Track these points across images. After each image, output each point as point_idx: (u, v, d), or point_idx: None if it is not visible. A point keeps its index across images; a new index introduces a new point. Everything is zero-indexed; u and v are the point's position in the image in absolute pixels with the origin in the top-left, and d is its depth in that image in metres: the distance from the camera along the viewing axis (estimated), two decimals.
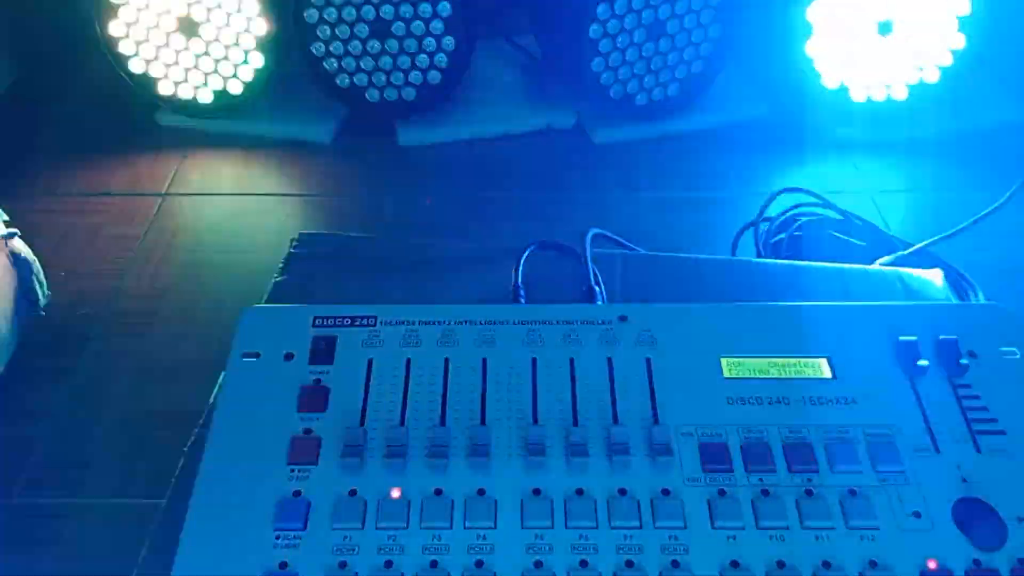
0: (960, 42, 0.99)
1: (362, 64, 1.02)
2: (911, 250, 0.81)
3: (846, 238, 0.83)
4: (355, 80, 1.03)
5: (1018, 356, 0.51)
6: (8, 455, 0.72)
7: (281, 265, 0.70)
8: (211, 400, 0.60)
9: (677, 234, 0.92)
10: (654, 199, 0.97)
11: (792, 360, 0.51)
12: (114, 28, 1.01)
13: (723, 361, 0.51)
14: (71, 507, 0.70)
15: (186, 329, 0.83)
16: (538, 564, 0.43)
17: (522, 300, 0.63)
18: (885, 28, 0.99)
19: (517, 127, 1.07)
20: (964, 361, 0.50)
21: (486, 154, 1.05)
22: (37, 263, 0.77)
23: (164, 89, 1.05)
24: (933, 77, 1.02)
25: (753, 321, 0.54)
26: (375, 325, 0.54)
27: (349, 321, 0.54)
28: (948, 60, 1.00)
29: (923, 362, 0.50)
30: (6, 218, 0.76)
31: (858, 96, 1.02)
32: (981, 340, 0.51)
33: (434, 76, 1.03)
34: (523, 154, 1.05)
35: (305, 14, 0.98)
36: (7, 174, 0.82)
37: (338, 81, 1.03)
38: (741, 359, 0.51)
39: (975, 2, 0.97)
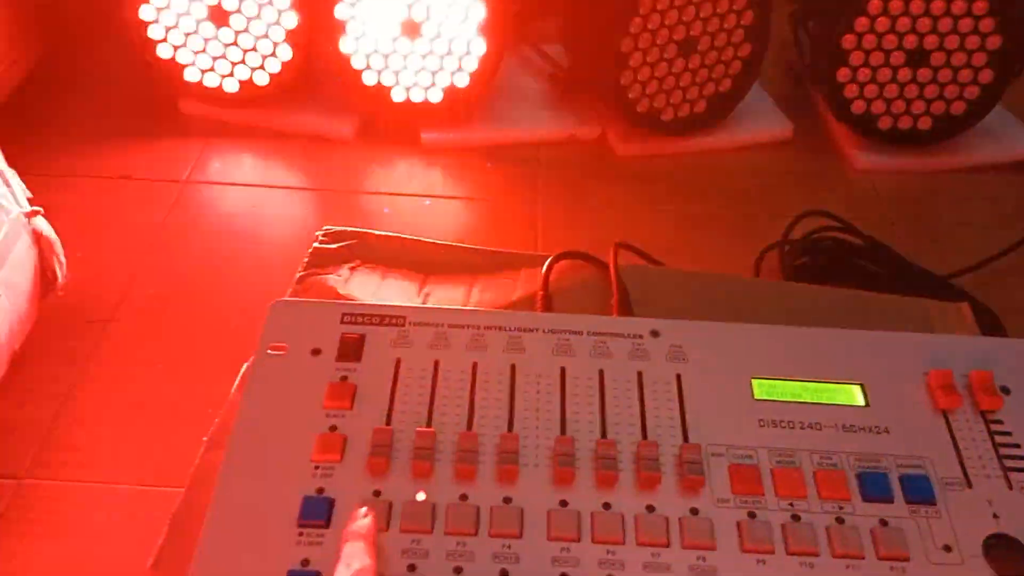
0: (988, 76, 0.99)
1: (390, 64, 1.02)
2: (934, 282, 0.81)
3: (869, 265, 0.83)
4: (382, 79, 1.03)
5: None
6: (18, 436, 0.72)
7: (306, 259, 0.69)
8: (232, 390, 0.59)
9: (698, 251, 0.92)
10: (675, 215, 0.97)
11: (825, 385, 0.51)
12: (144, 12, 1.00)
13: (754, 382, 0.51)
14: (80, 491, 0.69)
15: (202, 318, 0.82)
16: None
17: (548, 309, 0.63)
18: (916, 58, 0.99)
19: (540, 135, 1.07)
20: (997, 396, 0.50)
21: (508, 160, 1.05)
22: (58, 242, 0.76)
23: (190, 76, 1.04)
24: (959, 109, 1.02)
25: (786, 343, 0.53)
26: (404, 325, 0.54)
27: (378, 319, 0.54)
28: (975, 93, 1.00)
29: (957, 395, 0.50)
30: (30, 195, 0.75)
31: (884, 123, 1.02)
32: (1014, 376, 0.51)
33: (461, 80, 1.03)
34: (545, 163, 1.05)
35: (337, 10, 0.98)
36: (28, 152, 0.82)
37: (365, 79, 1.03)
38: (773, 381, 0.51)
39: (1005, 37, 0.97)
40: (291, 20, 1.00)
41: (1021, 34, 0.98)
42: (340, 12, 0.98)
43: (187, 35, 1.02)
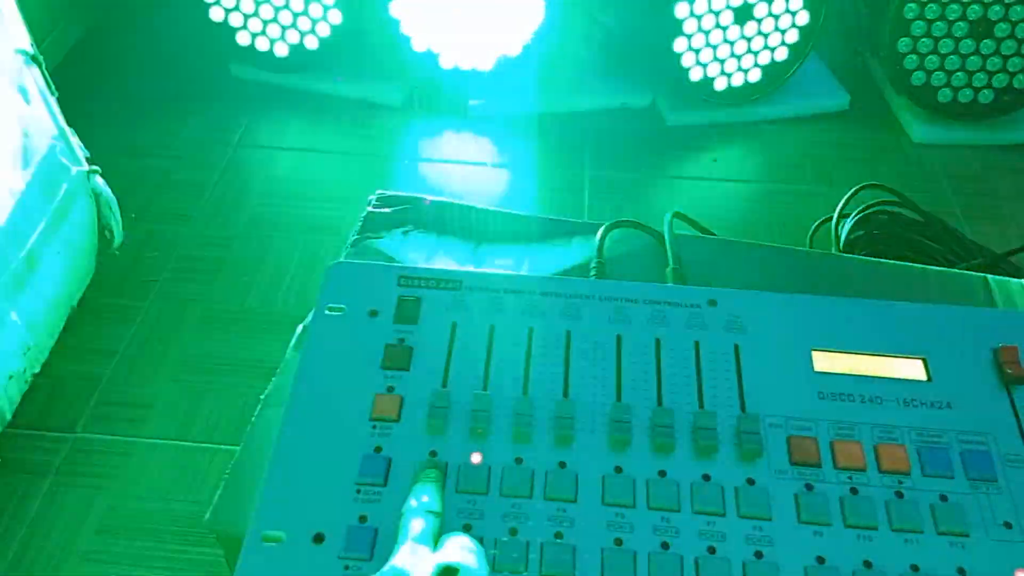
0: None
1: (440, 29, 1.01)
2: (992, 258, 0.79)
3: (925, 241, 0.82)
4: (432, 45, 1.03)
5: None
6: (74, 391, 0.74)
7: (359, 223, 0.69)
8: (288, 350, 0.60)
9: (751, 223, 0.91)
10: (727, 186, 0.96)
11: (887, 359, 0.50)
12: None
13: (814, 354, 0.50)
14: (135, 445, 0.71)
15: (251, 279, 0.84)
16: (618, 542, 0.43)
17: (603, 276, 0.62)
18: (980, 27, 0.96)
19: (591, 104, 1.06)
20: None
21: (557, 128, 1.04)
22: (115, 201, 0.77)
23: (241, 39, 1.05)
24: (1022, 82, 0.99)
25: (846, 315, 0.52)
26: (459, 289, 0.54)
27: (434, 283, 0.54)
28: None
29: (1022, 370, 0.49)
30: (88, 155, 0.76)
31: (943, 96, 1.00)
32: None
33: (513, 47, 1.02)
34: (595, 131, 1.04)
35: None
36: (84, 114, 0.83)
37: (415, 45, 1.02)
38: (833, 353, 0.50)
39: None
40: None
41: None
42: None
43: None
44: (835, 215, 0.82)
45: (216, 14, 1.03)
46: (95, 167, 0.76)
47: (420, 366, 0.50)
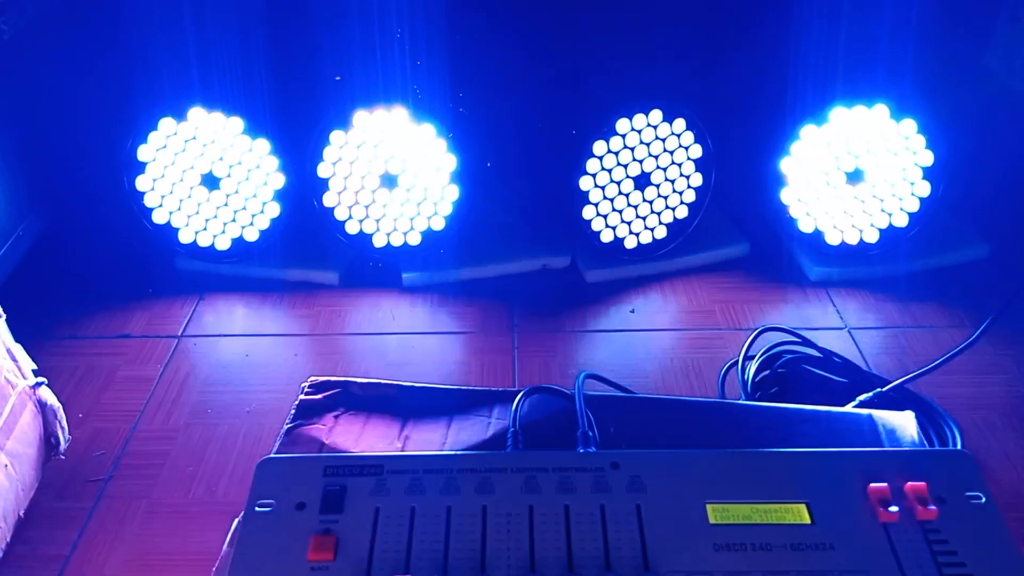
0: (925, 189, 1.07)
1: (370, 213, 1.10)
2: (889, 387, 0.86)
3: (827, 375, 0.88)
4: (363, 227, 1.10)
5: (983, 501, 0.54)
6: None
7: (293, 411, 0.74)
8: (224, 546, 0.63)
9: (668, 369, 0.97)
10: (646, 335, 1.03)
11: (773, 506, 0.55)
12: (140, 182, 1.09)
13: (709, 507, 0.55)
14: None
15: (194, 470, 0.86)
16: None
17: (519, 446, 0.67)
18: (855, 177, 1.07)
19: (514, 268, 1.14)
20: (932, 507, 0.53)
21: (485, 292, 1.11)
22: (61, 410, 0.81)
23: (184, 238, 1.12)
24: (902, 221, 1.09)
25: (736, 467, 0.57)
26: (382, 474, 0.58)
27: (358, 470, 0.58)
28: (915, 206, 1.08)
29: (894, 508, 0.54)
30: (35, 367, 0.80)
31: (832, 239, 1.09)
32: (948, 486, 0.55)
33: (438, 223, 1.10)
34: (521, 293, 1.11)
35: (319, 169, 1.06)
36: (34, 318, 0.87)
37: (347, 228, 1.10)
38: (726, 505, 0.55)
39: (938, 153, 1.05)
40: (278, 181, 1.09)
41: None
42: (322, 171, 1.07)
43: (181, 200, 1.10)
44: (740, 358, 0.88)
45: (159, 216, 1.11)
46: (41, 379, 0.80)
47: (345, 554, 0.53)
